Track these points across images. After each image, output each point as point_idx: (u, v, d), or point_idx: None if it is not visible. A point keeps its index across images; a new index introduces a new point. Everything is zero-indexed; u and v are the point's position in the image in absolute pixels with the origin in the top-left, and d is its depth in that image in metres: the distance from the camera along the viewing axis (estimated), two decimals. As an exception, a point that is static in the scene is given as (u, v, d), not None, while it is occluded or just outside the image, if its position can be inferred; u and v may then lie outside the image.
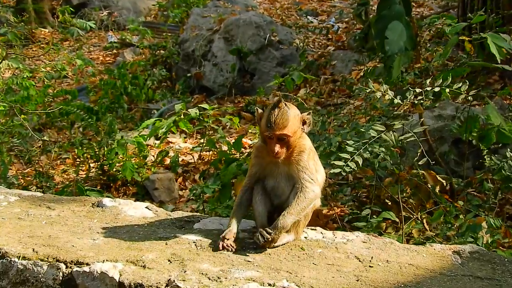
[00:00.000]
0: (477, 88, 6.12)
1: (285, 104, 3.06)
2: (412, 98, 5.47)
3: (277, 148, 3.02)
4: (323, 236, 3.32)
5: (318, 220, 4.94)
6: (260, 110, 3.18)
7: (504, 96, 7.94)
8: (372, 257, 3.06)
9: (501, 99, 7.65)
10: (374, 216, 5.30)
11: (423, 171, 5.81)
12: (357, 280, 2.80)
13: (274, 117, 3.00)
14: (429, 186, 5.68)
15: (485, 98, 6.62)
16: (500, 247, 4.98)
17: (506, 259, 3.07)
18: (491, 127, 5.94)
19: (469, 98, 5.11)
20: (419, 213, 5.55)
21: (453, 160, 6.62)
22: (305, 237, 3.28)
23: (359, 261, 3.04)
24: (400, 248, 3.20)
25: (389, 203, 5.89)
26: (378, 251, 3.14)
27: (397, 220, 5.38)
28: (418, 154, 4.75)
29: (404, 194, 5.73)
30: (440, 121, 6.87)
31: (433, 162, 4.81)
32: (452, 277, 2.84)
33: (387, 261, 3.04)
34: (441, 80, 5.30)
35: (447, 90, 5.18)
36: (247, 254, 3.05)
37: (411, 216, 5.50)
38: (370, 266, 2.97)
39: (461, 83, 5.21)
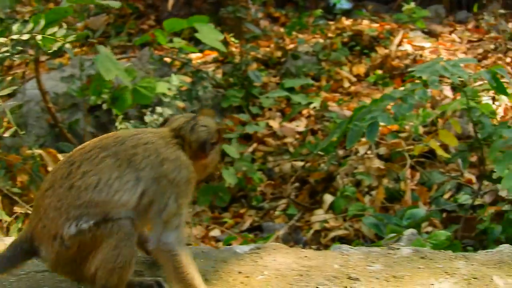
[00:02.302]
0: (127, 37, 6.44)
1: None
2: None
3: None
4: None
5: None
6: None
7: (160, 47, 8.49)
8: None
9: (152, 50, 8.04)
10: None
11: (42, 151, 6.05)
12: None
13: None
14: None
15: (96, 45, 6.91)
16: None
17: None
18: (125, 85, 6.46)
19: (65, 46, 5.45)
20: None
21: (90, 133, 6.98)
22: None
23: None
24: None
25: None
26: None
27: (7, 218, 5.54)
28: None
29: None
30: (70, 83, 7.18)
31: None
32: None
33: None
34: (32, 24, 5.60)
35: (38, 37, 5.52)
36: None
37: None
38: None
39: (56, 28, 5.59)
